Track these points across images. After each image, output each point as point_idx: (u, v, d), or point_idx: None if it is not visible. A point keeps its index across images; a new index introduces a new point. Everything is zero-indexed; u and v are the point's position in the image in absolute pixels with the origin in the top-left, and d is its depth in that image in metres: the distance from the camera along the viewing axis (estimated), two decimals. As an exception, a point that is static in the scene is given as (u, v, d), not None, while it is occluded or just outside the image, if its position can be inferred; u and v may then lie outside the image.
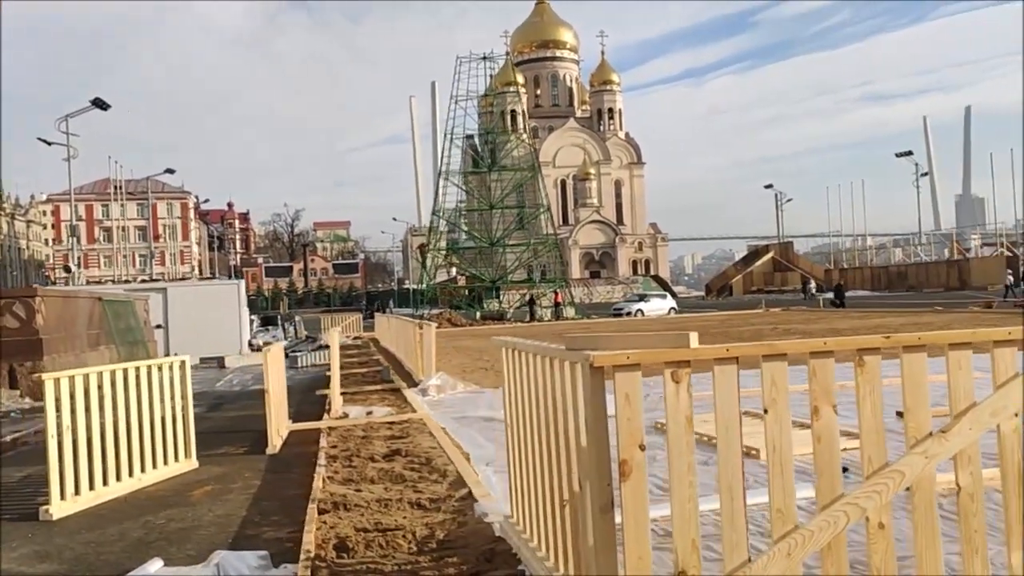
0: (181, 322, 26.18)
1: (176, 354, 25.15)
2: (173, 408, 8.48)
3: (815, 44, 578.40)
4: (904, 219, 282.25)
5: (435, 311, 51.60)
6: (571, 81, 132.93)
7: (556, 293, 54.83)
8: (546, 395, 4.09)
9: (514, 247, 64.21)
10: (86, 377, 7.43)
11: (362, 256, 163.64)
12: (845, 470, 4.21)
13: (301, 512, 6.55)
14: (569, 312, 53.51)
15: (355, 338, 34.39)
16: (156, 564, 5.22)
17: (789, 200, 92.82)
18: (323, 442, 8.98)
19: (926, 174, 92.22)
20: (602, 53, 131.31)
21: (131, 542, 5.98)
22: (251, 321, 33.10)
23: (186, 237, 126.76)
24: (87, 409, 7.33)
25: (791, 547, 3.17)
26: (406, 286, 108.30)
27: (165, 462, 8.27)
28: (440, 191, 62.42)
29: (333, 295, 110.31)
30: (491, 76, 70.13)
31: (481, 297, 59.75)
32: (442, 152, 62.53)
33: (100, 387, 7.54)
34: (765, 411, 3.23)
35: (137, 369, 8.06)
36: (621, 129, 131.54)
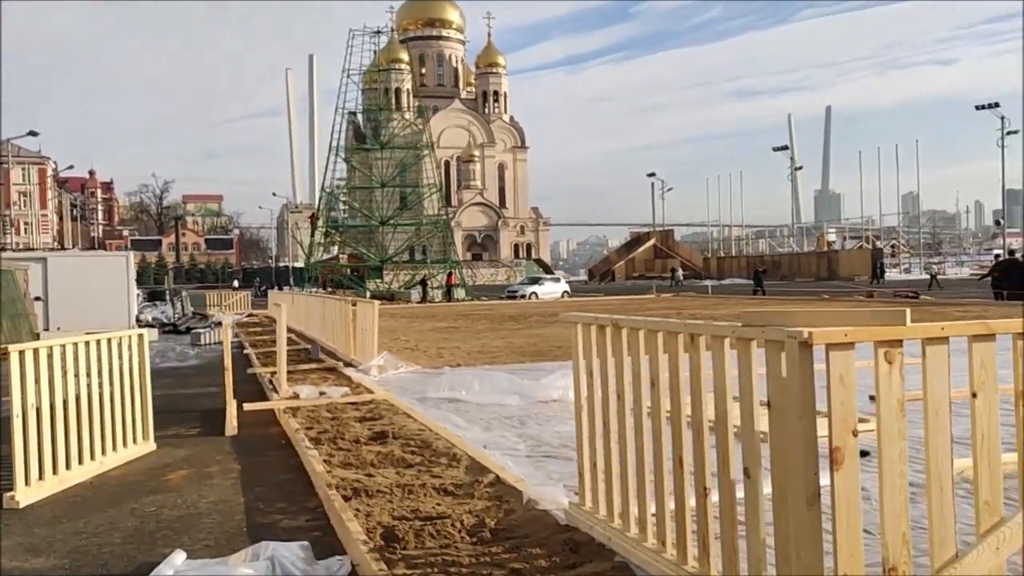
0: (63, 295, 24.43)
1: (59, 328, 23.17)
2: (132, 386, 7.79)
3: (689, 38, 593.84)
4: (769, 211, 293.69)
5: (319, 290, 50.22)
6: (457, 61, 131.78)
7: (450, 275, 54.34)
8: (675, 376, 3.80)
9: (404, 227, 63.28)
10: (50, 350, 6.71)
11: (236, 232, 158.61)
12: (865, 454, 4.04)
13: (305, 498, 6.08)
14: (460, 294, 53.11)
15: (248, 315, 33.10)
16: (180, 556, 4.70)
17: (670, 189, 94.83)
18: (293, 424, 8.41)
19: (800, 168, 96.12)
20: (488, 35, 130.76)
21: (130, 532, 5.39)
22: (137, 296, 31.35)
23: (44, 206, 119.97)
24: (51, 387, 6.62)
25: (999, 541, 3.00)
26: (283, 263, 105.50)
27: (124, 444, 7.59)
28: (330, 166, 60.84)
29: (207, 271, 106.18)
30: (375, 52, 68.68)
31: (363, 276, 58.69)
32: (333, 126, 60.83)
33: (64, 362, 6.83)
34: (974, 395, 3.04)
35: (98, 343, 7.35)
36: (506, 112, 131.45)
